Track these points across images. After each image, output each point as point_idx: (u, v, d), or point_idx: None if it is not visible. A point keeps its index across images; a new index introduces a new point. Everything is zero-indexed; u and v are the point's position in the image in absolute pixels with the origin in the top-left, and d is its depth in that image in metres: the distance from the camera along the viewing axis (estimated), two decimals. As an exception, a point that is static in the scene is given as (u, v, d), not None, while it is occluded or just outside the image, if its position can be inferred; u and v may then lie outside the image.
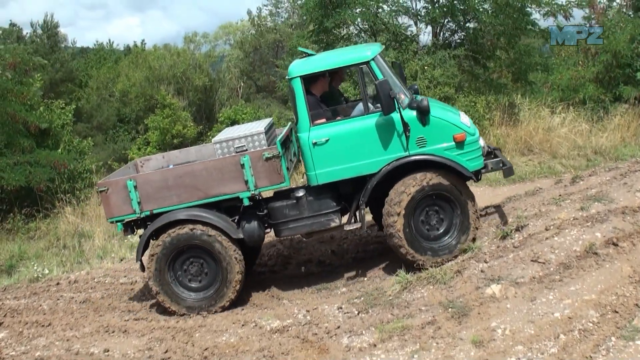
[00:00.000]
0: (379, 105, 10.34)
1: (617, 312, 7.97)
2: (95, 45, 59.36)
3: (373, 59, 10.47)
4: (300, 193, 10.82)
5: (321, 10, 21.29)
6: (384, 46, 10.97)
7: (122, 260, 14.83)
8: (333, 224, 10.80)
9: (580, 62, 24.35)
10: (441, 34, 22.89)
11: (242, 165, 10.49)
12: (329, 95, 11.37)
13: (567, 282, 8.61)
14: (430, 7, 21.95)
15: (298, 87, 10.47)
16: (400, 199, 10.34)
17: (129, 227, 11.03)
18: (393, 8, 21.86)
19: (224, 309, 10.66)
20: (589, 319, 7.92)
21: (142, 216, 10.65)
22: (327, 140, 10.42)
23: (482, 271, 9.30)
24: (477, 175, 10.84)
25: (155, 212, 10.63)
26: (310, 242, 13.05)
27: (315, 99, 10.88)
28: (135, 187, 10.53)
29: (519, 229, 10.21)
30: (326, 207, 10.77)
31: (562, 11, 21.76)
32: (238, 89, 49.63)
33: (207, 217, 10.61)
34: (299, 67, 10.60)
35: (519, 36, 22.59)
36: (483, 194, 14.59)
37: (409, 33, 22.27)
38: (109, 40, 73.77)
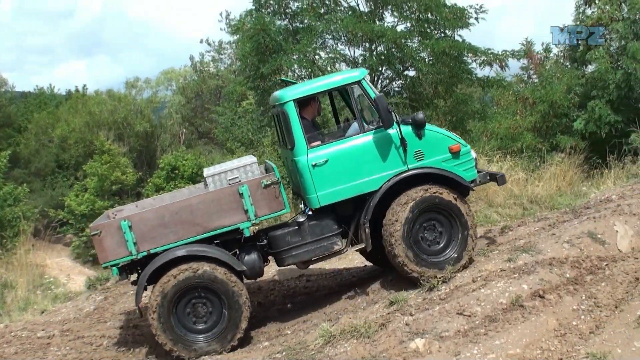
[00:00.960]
0: (374, 122, 10.61)
1: (541, 367, 7.78)
2: (35, 89, 58.71)
3: (364, 79, 10.66)
4: (302, 218, 10.76)
5: (257, 56, 21.17)
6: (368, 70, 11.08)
7: (43, 312, 14.28)
8: (336, 247, 10.80)
9: (518, 111, 24.50)
10: (379, 81, 22.91)
11: (241, 195, 10.33)
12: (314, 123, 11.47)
13: (492, 335, 8.39)
14: (367, 55, 21.98)
15: (292, 111, 10.48)
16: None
17: (123, 271, 10.48)
18: (330, 55, 21.85)
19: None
20: (513, 375, 7.71)
21: (138, 257, 10.17)
22: (326, 161, 10.45)
23: (407, 324, 9.03)
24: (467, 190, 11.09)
25: (152, 252, 10.20)
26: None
27: (309, 122, 10.96)
28: (130, 227, 10.08)
29: (446, 280, 10.02)
30: (328, 230, 10.76)
31: (498, 61, 21.97)
32: (180, 135, 49.32)
33: (209, 251, 10.28)
34: (292, 92, 10.66)
35: (457, 84, 22.76)
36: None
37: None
38: (50, 84, 72.87)
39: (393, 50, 21.90)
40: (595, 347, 7.94)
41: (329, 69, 21.55)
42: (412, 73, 23.09)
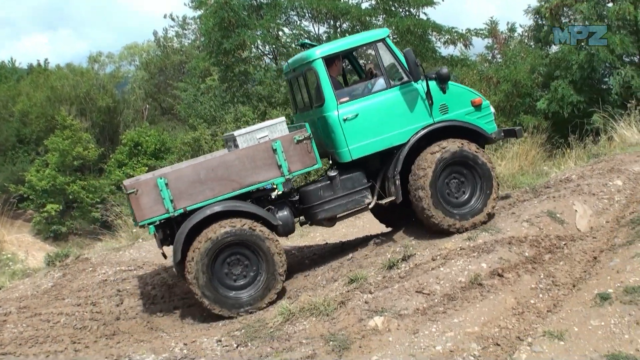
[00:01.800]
0: (398, 79, 10.88)
1: (498, 344, 7.82)
2: (-5, 63, 57.84)
3: (388, 36, 10.97)
4: (334, 173, 10.97)
5: (221, 32, 20.97)
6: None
7: (0, 289, 14.09)
8: (367, 200, 11.06)
9: (482, 91, 24.54)
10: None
11: (275, 151, 10.42)
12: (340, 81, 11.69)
13: (451, 314, 8.42)
14: (331, 32, 21.88)
15: (321, 68, 10.69)
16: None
17: (160, 228, 10.45)
18: (294, 32, 21.73)
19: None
20: (470, 352, 7.73)
21: (176, 215, 10.15)
22: (356, 115, 10.71)
23: (366, 302, 9.01)
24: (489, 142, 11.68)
25: (189, 209, 10.19)
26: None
27: (336, 79, 11.16)
28: (166, 184, 10.04)
29: (405, 258, 10.01)
30: (359, 184, 11.03)
31: (462, 40, 22.00)
32: (143, 110, 48.90)
33: (246, 207, 10.40)
34: (321, 49, 10.88)
35: (421, 63, 22.70)
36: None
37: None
38: (11, 58, 71.88)
39: (357, 27, 21.83)
40: (552, 325, 7.98)
41: (292, 45, 21.42)
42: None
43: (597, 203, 11.29)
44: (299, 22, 22.35)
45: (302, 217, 11.50)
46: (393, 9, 22.35)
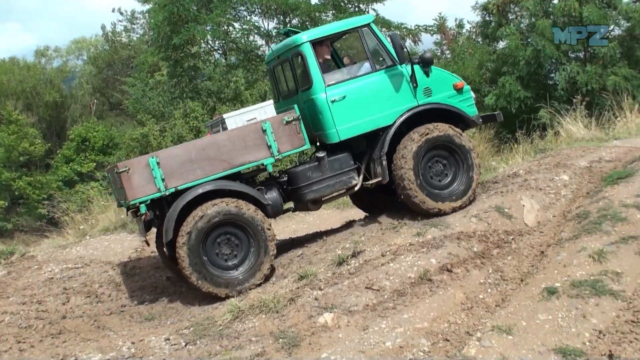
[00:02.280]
0: (383, 62, 11.27)
1: (448, 340, 7.83)
2: (-62, 57, 56.68)
3: (373, 22, 11.38)
4: (322, 154, 11.13)
5: (170, 26, 20.80)
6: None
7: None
8: (354, 182, 11.26)
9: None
10: (293, 54, 22.80)
11: (264, 131, 10.60)
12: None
13: (400, 309, 8.42)
14: (281, 27, 21.81)
15: (309, 52, 10.97)
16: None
17: (150, 208, 10.53)
18: (244, 27, 21.63)
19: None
20: (420, 348, 7.73)
21: (167, 194, 10.24)
22: (344, 97, 10.98)
23: (316, 299, 8.98)
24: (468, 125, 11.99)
25: (180, 188, 10.27)
26: (144, 267, 12.49)
27: (323, 63, 11.34)
28: (158, 163, 10.13)
29: (355, 254, 10.00)
30: (346, 165, 11.25)
31: (411, 35, 22.09)
32: (91, 105, 48.34)
33: (236, 186, 10.55)
34: (307, 34, 11.24)
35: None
36: (330, 217, 14.41)
37: (260, 53, 22.07)
38: (-44, 52, 70.68)
39: (307, 23, 21.82)
40: (500, 320, 8.02)
41: (242, 41, 21.33)
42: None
43: (544, 198, 11.41)
44: (248, 17, 22.26)
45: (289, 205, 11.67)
46: (342, 4, 22.37)
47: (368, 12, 22.40)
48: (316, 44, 11.13)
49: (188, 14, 20.58)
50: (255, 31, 21.99)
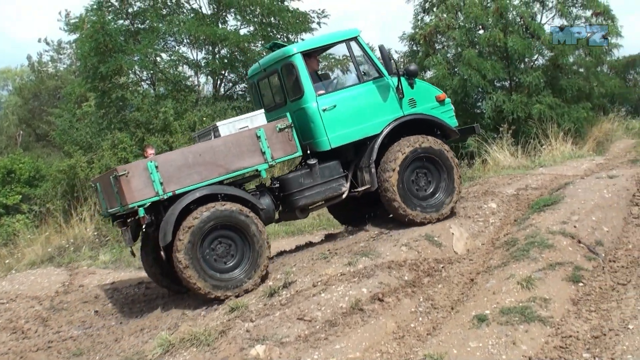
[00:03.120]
0: (369, 74, 11.87)
1: (380, 370, 7.83)
2: None
3: (359, 36, 11.82)
4: (313, 161, 11.40)
5: (97, 56, 20.56)
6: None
7: None
8: (343, 189, 11.57)
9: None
10: (222, 85, 22.76)
11: (258, 138, 10.85)
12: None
13: (332, 340, 8.39)
14: (210, 58, 21.77)
15: (300, 62, 11.32)
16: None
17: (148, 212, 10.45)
18: (172, 57, 21.52)
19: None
20: (352, 379, 7.72)
21: (165, 197, 10.34)
22: (334, 106, 11.39)
23: (247, 331, 8.90)
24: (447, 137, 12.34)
25: (177, 192, 10.41)
26: (72, 302, 12.27)
27: (313, 73, 11.72)
28: (156, 167, 10.26)
29: (286, 285, 9.94)
30: (336, 173, 11.57)
31: (340, 65, 22.22)
32: (17, 137, 47.37)
33: (233, 190, 10.80)
34: (298, 46, 11.72)
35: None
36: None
37: (189, 83, 21.99)
38: None
39: (236, 53, 21.81)
40: (432, 348, 8.05)
41: (171, 71, 21.21)
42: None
43: (473, 225, 11.56)
44: (177, 47, 22.17)
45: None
46: (272, 34, 22.42)
47: (296, 42, 22.50)
48: (306, 55, 11.48)
49: (115, 44, 20.38)
50: (184, 61, 21.86)
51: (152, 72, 21.33)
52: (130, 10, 21.65)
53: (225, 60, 21.84)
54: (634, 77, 35.21)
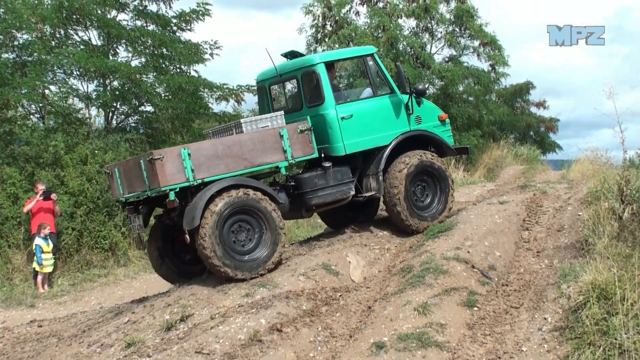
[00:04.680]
0: (383, 89, 12.86)
1: (280, 402, 7.77)
2: None
3: (375, 53, 12.96)
4: (328, 164, 12.14)
5: (-19, 90, 19.93)
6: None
7: None
8: (351, 193, 12.36)
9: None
10: (114, 117, 22.41)
11: (281, 137, 11.58)
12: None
13: (231, 373, 8.30)
14: (101, 90, 21.42)
15: (323, 71, 12.23)
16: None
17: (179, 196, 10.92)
18: (62, 90, 21.07)
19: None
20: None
21: (195, 184, 10.89)
22: (351, 116, 12.29)
23: (144, 367, 8.73)
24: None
25: (206, 180, 10.96)
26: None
27: (333, 83, 12.66)
28: (189, 155, 10.83)
29: (184, 318, 9.78)
30: (347, 177, 12.38)
31: (234, 95, 22.20)
32: None
33: (256, 183, 11.41)
34: (320, 56, 12.58)
35: (194, 120, 22.71)
36: (157, 281, 14.10)
37: (80, 116, 21.56)
38: None
39: (128, 85, 21.52)
40: (331, 377, 8.06)
41: (61, 104, 20.74)
42: (148, 108, 22.82)
43: (369, 253, 11.67)
44: (67, 79, 21.69)
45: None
46: (164, 66, 22.25)
47: (189, 73, 22.40)
48: (328, 65, 12.44)
49: (1, 77, 19.80)
50: (74, 93, 21.39)
51: (41, 105, 20.79)
52: (15, 43, 21.09)
53: (117, 92, 21.51)
54: (521, 104, 36.38)
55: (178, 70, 22.46)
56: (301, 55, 13.20)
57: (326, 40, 29.20)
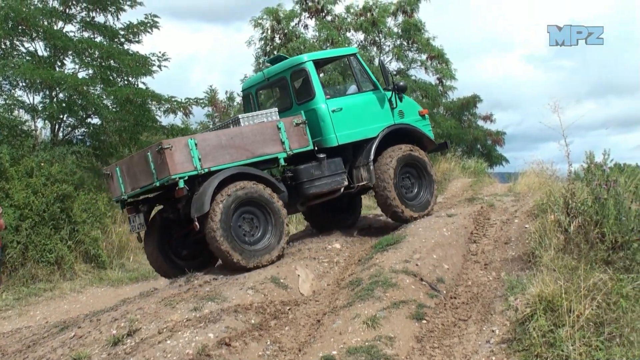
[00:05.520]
0: (368, 85, 13.75)
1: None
2: None
3: (358, 52, 14.17)
4: (322, 155, 12.89)
5: None
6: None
7: None
8: (345, 183, 13.12)
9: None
10: (61, 129, 22.13)
11: (279, 129, 12.33)
12: None
13: (180, 388, 8.21)
14: (48, 102, 21.15)
15: (312, 69, 13.14)
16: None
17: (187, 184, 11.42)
18: (7, 102, 20.76)
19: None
20: None
21: (202, 173, 11.44)
22: (341, 109, 13.18)
23: (90, 383, 8.59)
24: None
25: (212, 169, 11.55)
26: None
27: (320, 80, 13.44)
28: (196, 145, 11.42)
29: (131, 333, 9.63)
30: (340, 168, 13.12)
31: (182, 108, 22.09)
32: None
33: (261, 173, 12.03)
34: (309, 55, 13.49)
35: (142, 132, 22.52)
36: (104, 295, 13.95)
37: (25, 128, 21.25)
38: None
39: (74, 97, 21.28)
40: (280, 391, 8.02)
41: (6, 115, 20.40)
42: (95, 121, 22.58)
43: (318, 267, 11.66)
44: (12, 91, 21.39)
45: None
46: (111, 78, 22.06)
47: (137, 85, 22.26)
48: (316, 63, 13.34)
49: (-55, 88, 19.54)
50: (20, 106, 21.11)
51: (-14, 116, 20.43)
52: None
53: (64, 104, 21.25)
54: (468, 118, 36.74)
55: (126, 82, 22.28)
56: (285, 58, 14.15)
57: (275, 53, 29.24)
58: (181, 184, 11.22)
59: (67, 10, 22.07)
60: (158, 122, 22.63)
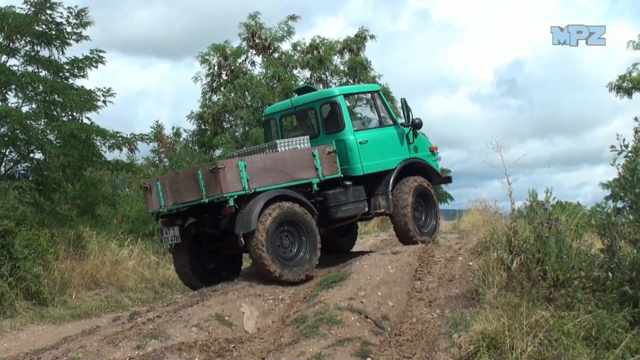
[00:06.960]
0: (387, 121, 14.93)
1: None
2: None
3: (380, 90, 15.71)
4: (349, 183, 13.94)
5: None
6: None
7: None
8: (366, 209, 14.29)
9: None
10: (3, 164, 21.79)
11: (314, 156, 13.32)
12: None
13: None
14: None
15: (343, 102, 14.31)
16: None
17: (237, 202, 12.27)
18: (-52, 135, 20.42)
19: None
20: None
21: (250, 193, 12.32)
22: (367, 141, 14.30)
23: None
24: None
25: (257, 190, 12.43)
26: None
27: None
28: (245, 166, 12.33)
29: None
30: (362, 195, 14.24)
31: (127, 144, 21.90)
32: None
33: (299, 196, 12.96)
34: (339, 89, 14.97)
35: (86, 168, 22.24)
36: (45, 332, 13.71)
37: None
38: None
39: (18, 131, 20.98)
40: None
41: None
42: (39, 156, 22.24)
43: (263, 304, 11.60)
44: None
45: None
46: (55, 112, 21.81)
47: (81, 120, 22.03)
48: (346, 96, 14.59)
49: None
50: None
51: None
52: None
53: (6, 139, 20.94)
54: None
55: (70, 117, 22.03)
56: (313, 89, 15.62)
57: (222, 89, 29.30)
58: (231, 202, 12.05)
59: (11, 44, 21.81)
60: (103, 157, 22.35)
